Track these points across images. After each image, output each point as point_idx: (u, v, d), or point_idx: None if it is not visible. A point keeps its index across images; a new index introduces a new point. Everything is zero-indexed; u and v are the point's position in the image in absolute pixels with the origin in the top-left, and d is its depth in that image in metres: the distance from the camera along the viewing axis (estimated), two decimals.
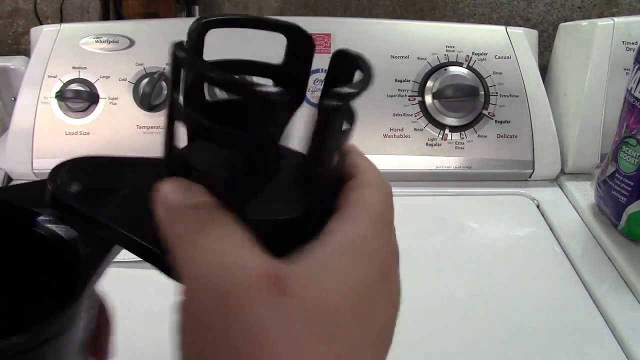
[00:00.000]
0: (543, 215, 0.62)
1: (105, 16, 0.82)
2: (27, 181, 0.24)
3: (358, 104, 0.21)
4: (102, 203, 0.22)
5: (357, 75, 0.22)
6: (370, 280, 0.19)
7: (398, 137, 0.66)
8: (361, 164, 0.22)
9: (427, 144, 0.66)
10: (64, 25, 0.69)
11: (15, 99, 0.67)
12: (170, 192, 0.19)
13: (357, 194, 0.21)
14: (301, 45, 0.24)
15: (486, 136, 0.66)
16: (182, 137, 0.22)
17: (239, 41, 0.66)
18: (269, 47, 0.27)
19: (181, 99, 0.20)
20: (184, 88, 0.20)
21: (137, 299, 0.46)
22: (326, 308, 0.17)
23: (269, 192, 0.19)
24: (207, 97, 0.23)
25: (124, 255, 0.22)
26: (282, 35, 0.24)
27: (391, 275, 0.21)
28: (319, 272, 0.18)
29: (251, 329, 0.16)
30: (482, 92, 0.67)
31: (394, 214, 0.22)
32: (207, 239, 0.18)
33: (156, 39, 0.68)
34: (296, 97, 0.24)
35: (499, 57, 0.68)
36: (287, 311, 0.16)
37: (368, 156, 0.24)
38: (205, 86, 0.22)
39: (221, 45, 0.28)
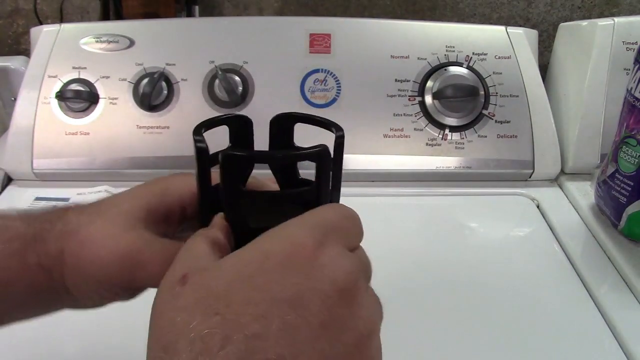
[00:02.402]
0: (543, 215, 0.62)
1: (105, 16, 0.82)
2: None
3: (358, 104, 0.21)
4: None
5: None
6: (265, 269, 0.22)
7: (398, 137, 0.66)
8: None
9: (427, 144, 0.66)
10: (64, 25, 0.69)
11: (15, 99, 0.67)
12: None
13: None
14: (241, 127, 0.32)
15: (486, 136, 0.66)
16: None
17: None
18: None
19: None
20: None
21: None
22: (215, 290, 0.22)
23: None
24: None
25: None
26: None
27: (303, 269, 0.23)
28: (223, 262, 0.23)
29: (156, 309, 0.23)
30: (482, 92, 0.67)
31: (349, 228, 0.26)
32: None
33: (156, 39, 0.68)
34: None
35: (499, 57, 0.68)
36: (182, 295, 0.22)
37: (368, 156, 0.25)
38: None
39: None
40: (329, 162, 0.27)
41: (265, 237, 0.24)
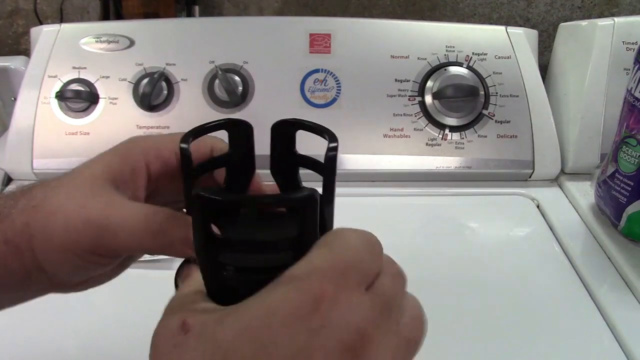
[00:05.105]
0: (543, 215, 0.62)
1: (105, 16, 0.82)
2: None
3: (358, 104, 0.21)
4: None
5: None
6: (270, 325, 0.21)
7: (398, 137, 0.66)
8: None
9: (427, 144, 0.66)
10: (64, 25, 0.69)
11: (15, 99, 0.67)
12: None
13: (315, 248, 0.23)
14: (240, 132, 0.30)
15: (486, 136, 0.66)
16: None
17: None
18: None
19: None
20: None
21: (139, 298, 0.46)
22: (221, 343, 0.21)
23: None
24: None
25: None
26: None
27: (309, 321, 0.21)
28: (228, 314, 0.22)
29: (158, 356, 0.22)
30: (482, 92, 0.67)
31: (367, 259, 0.25)
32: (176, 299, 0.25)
33: (156, 39, 0.68)
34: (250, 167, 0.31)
35: (499, 57, 0.68)
36: (186, 344, 0.22)
37: (368, 156, 0.25)
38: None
39: None
40: (316, 210, 0.23)
41: (271, 288, 0.22)
